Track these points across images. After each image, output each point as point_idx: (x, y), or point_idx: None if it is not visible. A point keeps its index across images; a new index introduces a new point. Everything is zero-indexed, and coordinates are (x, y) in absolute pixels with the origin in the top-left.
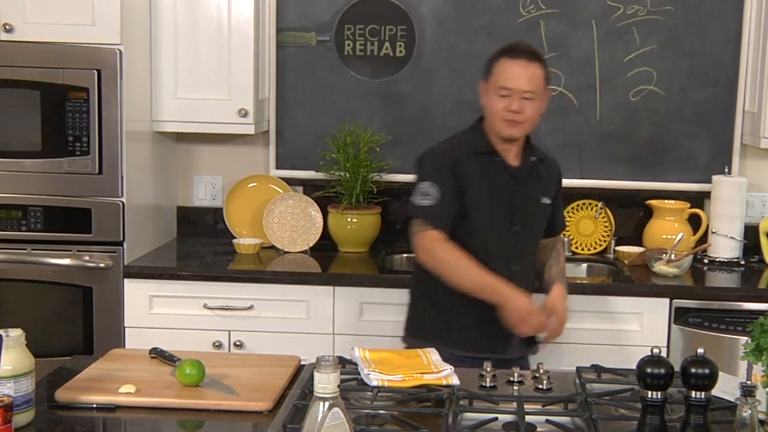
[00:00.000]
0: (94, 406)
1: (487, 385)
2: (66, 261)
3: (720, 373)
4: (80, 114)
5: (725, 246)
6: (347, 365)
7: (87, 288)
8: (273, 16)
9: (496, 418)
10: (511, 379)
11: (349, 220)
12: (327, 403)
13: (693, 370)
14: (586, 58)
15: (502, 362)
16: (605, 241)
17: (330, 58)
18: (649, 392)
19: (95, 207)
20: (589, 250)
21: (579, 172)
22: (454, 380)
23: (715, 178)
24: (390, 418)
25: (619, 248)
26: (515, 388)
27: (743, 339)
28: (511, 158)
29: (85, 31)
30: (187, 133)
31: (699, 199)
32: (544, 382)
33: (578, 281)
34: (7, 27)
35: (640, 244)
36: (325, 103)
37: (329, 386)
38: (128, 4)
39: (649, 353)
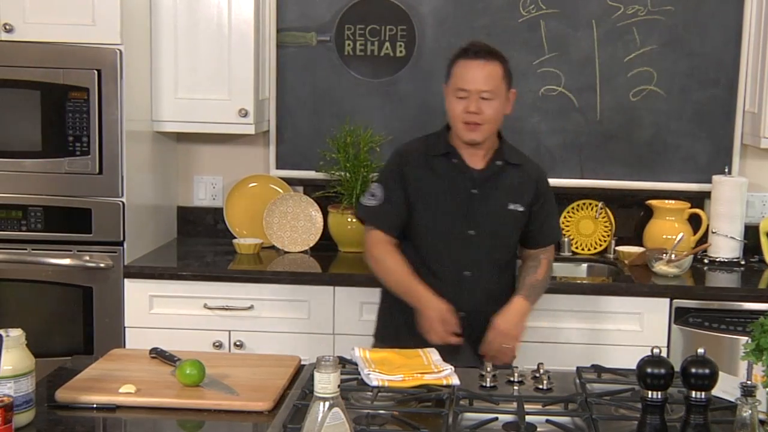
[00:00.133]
0: (94, 406)
1: (488, 385)
2: (66, 261)
3: (720, 373)
4: (80, 114)
5: (725, 246)
6: (347, 365)
7: (87, 288)
8: (273, 16)
9: (497, 418)
10: (512, 379)
11: (349, 220)
12: (327, 403)
13: (693, 370)
14: (586, 58)
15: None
16: (605, 241)
17: (330, 58)
18: (649, 392)
19: (95, 207)
20: (589, 250)
21: (579, 172)
22: (454, 380)
23: (716, 178)
24: (390, 418)
25: (620, 248)
26: (515, 388)
27: (743, 339)
28: (475, 161)
29: (85, 31)
30: (187, 133)
31: (699, 199)
32: (545, 382)
33: (578, 281)
34: (7, 27)
35: (641, 244)
36: (325, 103)
37: (329, 386)
38: (128, 4)
39: (649, 353)
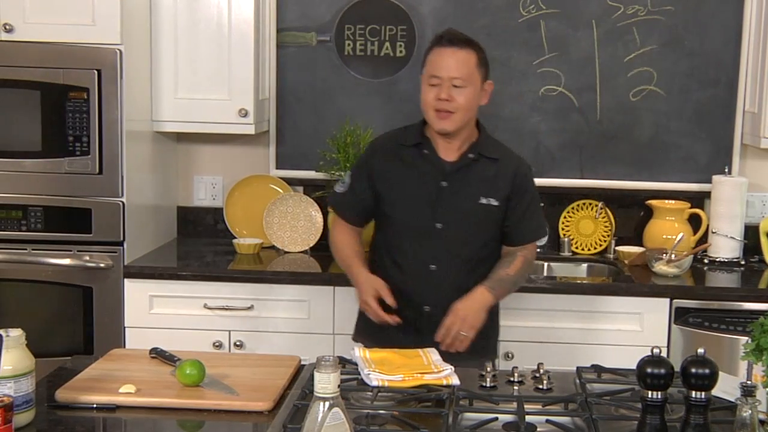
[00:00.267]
0: (95, 406)
1: (487, 385)
2: (66, 261)
3: (720, 373)
4: (80, 114)
5: (725, 246)
6: (347, 365)
7: (87, 288)
8: (273, 16)
9: (496, 418)
10: (512, 379)
11: None
12: (327, 403)
13: (693, 370)
14: (586, 58)
15: None
16: (605, 241)
17: (330, 58)
18: (649, 392)
19: (95, 207)
20: (589, 250)
21: (579, 172)
22: (454, 380)
23: (716, 178)
24: (390, 418)
25: (620, 248)
26: (515, 388)
27: (743, 339)
28: (448, 153)
29: (85, 31)
30: (187, 133)
31: (699, 199)
32: (544, 382)
33: (578, 281)
34: (7, 27)
35: (640, 244)
36: (325, 103)
37: (329, 386)
38: (128, 4)
39: (649, 353)
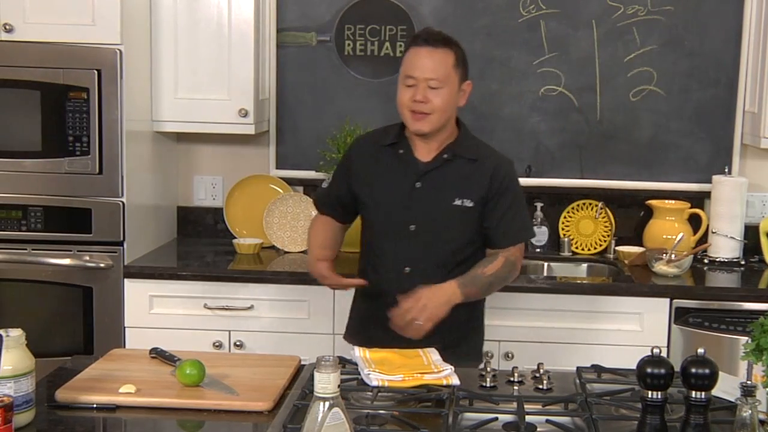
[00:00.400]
0: (95, 406)
1: (487, 385)
2: (66, 261)
3: (720, 373)
4: (80, 114)
5: (725, 246)
6: (347, 365)
7: (87, 288)
8: (273, 16)
9: (496, 418)
10: (512, 379)
11: None
12: (327, 403)
13: (693, 370)
14: (586, 58)
15: None
16: (605, 241)
17: (330, 58)
18: (649, 392)
19: (95, 207)
20: (589, 250)
21: (579, 172)
22: (454, 380)
23: (715, 178)
24: (390, 418)
25: (620, 248)
26: (515, 388)
27: (743, 339)
28: (424, 153)
29: (85, 31)
30: (187, 133)
31: (699, 199)
32: (544, 382)
33: (578, 281)
34: (7, 27)
35: (640, 244)
36: (325, 103)
37: (329, 386)
38: (128, 4)
39: (649, 353)
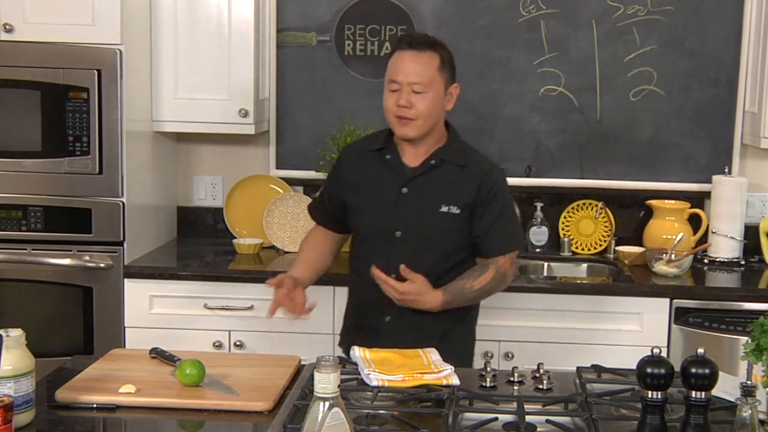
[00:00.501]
0: (95, 406)
1: (487, 385)
2: (66, 261)
3: (720, 373)
4: (80, 114)
5: (725, 246)
6: (347, 365)
7: (87, 288)
8: (273, 16)
9: (496, 418)
10: (512, 379)
11: None
12: (327, 403)
13: (693, 370)
14: (586, 58)
15: None
16: (605, 241)
17: (330, 58)
18: (649, 392)
19: (95, 207)
20: (589, 250)
21: (579, 172)
22: (454, 380)
23: (715, 178)
24: (390, 418)
25: (620, 248)
26: (515, 388)
27: (743, 339)
28: (412, 158)
29: (85, 31)
30: (187, 133)
31: (699, 199)
32: (544, 382)
33: (578, 281)
34: (7, 27)
35: (640, 244)
36: (325, 103)
37: (329, 386)
38: (128, 4)
39: (649, 353)
